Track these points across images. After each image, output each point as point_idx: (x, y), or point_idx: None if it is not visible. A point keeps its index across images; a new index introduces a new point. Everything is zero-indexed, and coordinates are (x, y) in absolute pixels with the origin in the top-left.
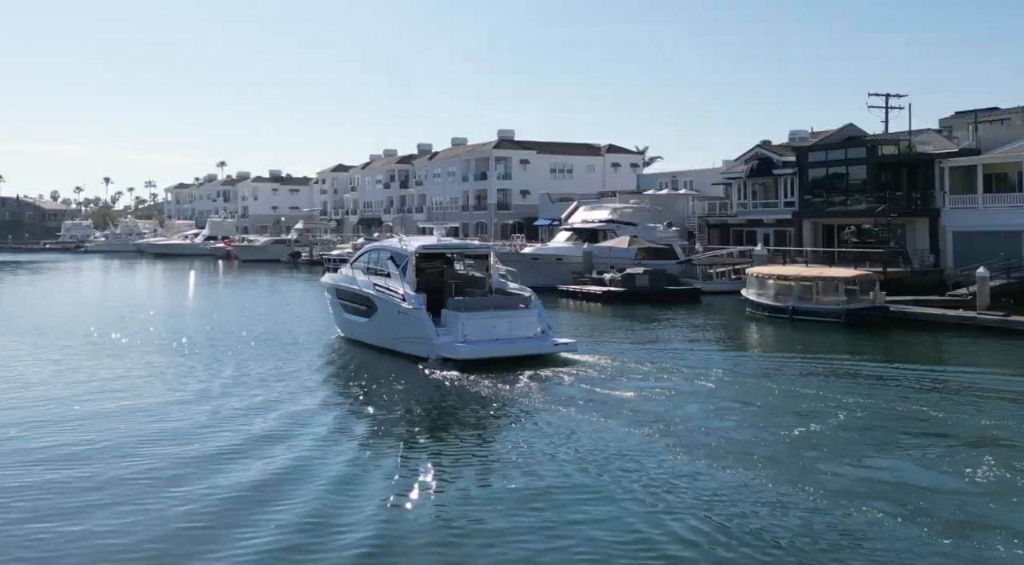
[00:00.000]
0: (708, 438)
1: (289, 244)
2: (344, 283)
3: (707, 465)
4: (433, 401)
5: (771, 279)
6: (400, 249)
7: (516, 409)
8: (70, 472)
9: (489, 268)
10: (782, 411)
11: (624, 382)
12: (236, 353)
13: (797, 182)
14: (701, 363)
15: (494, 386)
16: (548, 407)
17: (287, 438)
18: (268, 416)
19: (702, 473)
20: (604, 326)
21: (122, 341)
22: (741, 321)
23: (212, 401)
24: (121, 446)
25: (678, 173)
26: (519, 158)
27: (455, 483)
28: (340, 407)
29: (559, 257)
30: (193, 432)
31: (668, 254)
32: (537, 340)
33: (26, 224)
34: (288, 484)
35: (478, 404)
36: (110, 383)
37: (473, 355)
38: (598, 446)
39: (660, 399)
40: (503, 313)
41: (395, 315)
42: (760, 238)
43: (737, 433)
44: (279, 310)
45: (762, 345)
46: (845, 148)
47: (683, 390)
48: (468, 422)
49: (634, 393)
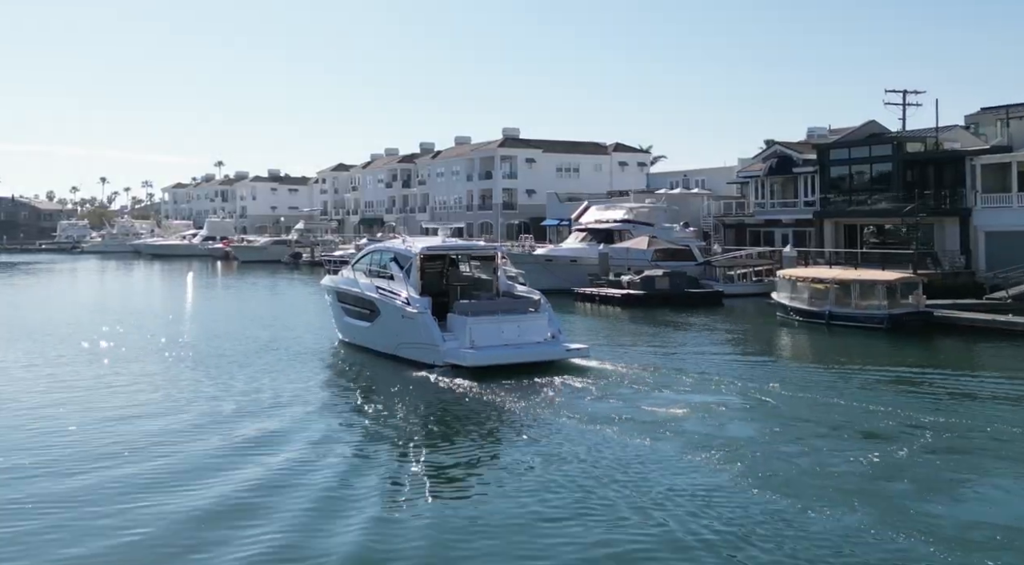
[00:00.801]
0: (762, 462)
1: (290, 245)
2: (345, 286)
3: (765, 497)
4: (438, 411)
5: (805, 282)
6: (404, 250)
7: (530, 423)
8: (67, 481)
9: (496, 270)
10: (845, 431)
11: (648, 393)
12: (236, 360)
13: (818, 180)
14: (732, 372)
15: (504, 395)
16: (565, 420)
17: (282, 448)
18: (263, 425)
19: (756, 505)
20: (622, 331)
21: (120, 349)
22: (772, 326)
23: (204, 409)
24: (110, 455)
25: (689, 172)
26: (524, 157)
27: (459, 502)
28: (340, 416)
29: (573, 258)
30: (178, 441)
31: (686, 255)
32: (548, 345)
33: (21, 224)
34: (282, 496)
35: (486, 415)
36: (104, 390)
37: (481, 361)
38: (623, 466)
39: (693, 413)
40: (512, 317)
41: (399, 319)
42: (778, 238)
43: (800, 458)
44: (281, 313)
45: (800, 353)
46: (869, 145)
47: (717, 403)
48: (475, 436)
49: (662, 406)
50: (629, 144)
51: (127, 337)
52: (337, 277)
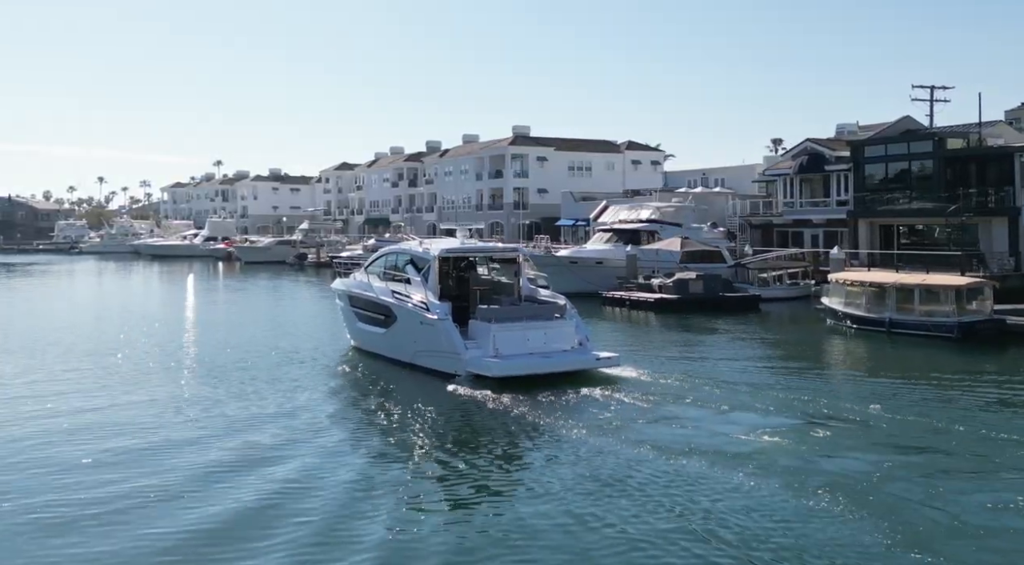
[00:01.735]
0: (880, 507)
1: (294, 245)
2: (358, 289)
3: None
4: (458, 425)
5: (860, 286)
6: (421, 252)
7: (561, 440)
8: (73, 491)
9: (517, 273)
10: (955, 460)
11: (705, 410)
12: (249, 370)
13: (852, 179)
14: (788, 385)
15: (531, 409)
16: (608, 440)
17: (290, 463)
18: (271, 439)
19: None
20: (657, 337)
21: (123, 360)
22: (822, 334)
23: (210, 420)
24: (117, 465)
25: (708, 170)
26: (536, 155)
27: (482, 526)
28: (355, 431)
29: (599, 260)
30: (183, 456)
31: (715, 257)
32: (577, 354)
33: (18, 224)
34: (286, 520)
35: (513, 432)
36: (106, 401)
37: (508, 372)
38: (671, 494)
39: (758, 434)
40: (537, 323)
41: (416, 326)
42: (807, 239)
43: (929, 502)
44: (292, 318)
45: (862, 365)
46: (907, 141)
47: (779, 423)
48: (500, 454)
49: (723, 426)
50: (641, 142)
51: (132, 347)
52: (349, 280)
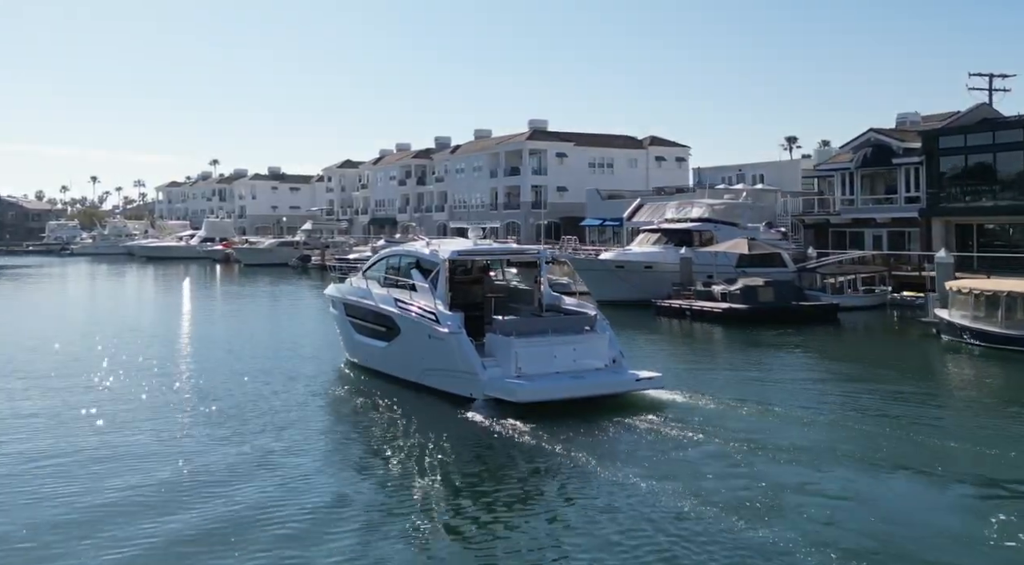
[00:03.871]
0: None
1: (297, 246)
2: (355, 297)
3: None
4: (480, 471)
5: (991, 297)
6: (428, 254)
7: (608, 486)
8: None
9: (537, 278)
10: None
11: (785, 458)
12: (229, 398)
13: (924, 173)
14: (909, 427)
15: (569, 450)
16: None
17: (279, 509)
18: (258, 474)
19: None
20: (721, 354)
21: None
22: (935, 352)
23: (190, 454)
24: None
25: (744, 166)
26: (555, 151)
27: None
28: (353, 468)
29: (649, 264)
30: (159, 504)
31: (775, 260)
32: (613, 374)
33: (8, 225)
34: None
35: (547, 481)
36: (91, 429)
37: (538, 397)
38: None
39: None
40: (565, 337)
41: (424, 340)
42: (869, 240)
43: None
44: (294, 331)
45: (1008, 395)
46: (992, 131)
47: (901, 488)
48: (534, 515)
49: (812, 480)
50: (665, 137)
51: (122, 367)
52: (344, 286)
